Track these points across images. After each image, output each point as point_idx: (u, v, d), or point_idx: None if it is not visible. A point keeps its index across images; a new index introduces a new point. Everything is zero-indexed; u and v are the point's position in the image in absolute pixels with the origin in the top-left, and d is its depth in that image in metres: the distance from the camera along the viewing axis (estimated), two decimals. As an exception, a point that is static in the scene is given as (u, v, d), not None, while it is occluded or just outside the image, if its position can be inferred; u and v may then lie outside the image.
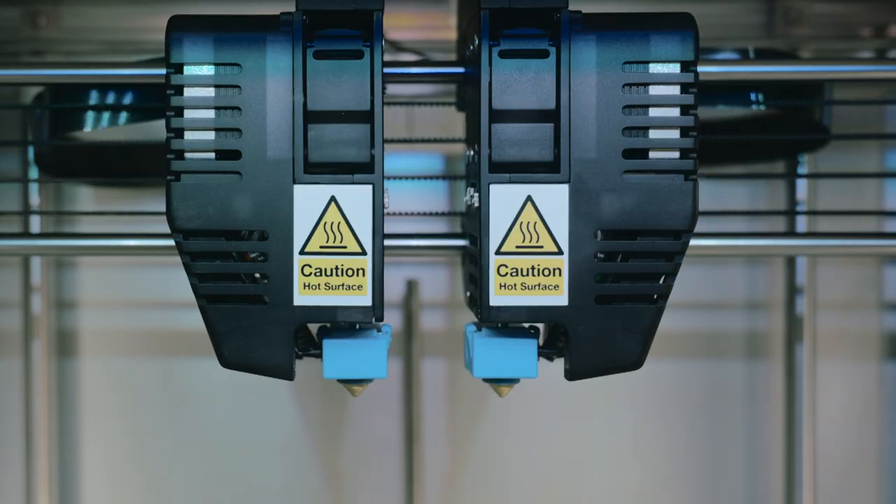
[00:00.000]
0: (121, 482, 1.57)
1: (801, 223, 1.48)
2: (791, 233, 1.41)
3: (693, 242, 1.15)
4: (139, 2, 1.48)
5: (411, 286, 1.49)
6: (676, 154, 0.99)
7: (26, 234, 1.45)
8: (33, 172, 1.51)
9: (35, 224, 1.48)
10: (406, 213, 1.27)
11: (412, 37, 1.44)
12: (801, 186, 1.45)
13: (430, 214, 1.29)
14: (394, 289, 1.50)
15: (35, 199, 1.47)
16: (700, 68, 1.07)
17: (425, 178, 1.37)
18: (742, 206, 1.49)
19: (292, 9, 1.03)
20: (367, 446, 1.57)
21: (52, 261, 1.52)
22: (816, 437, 1.51)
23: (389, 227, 1.19)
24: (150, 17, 1.47)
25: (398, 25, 1.44)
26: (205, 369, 1.55)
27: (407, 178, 1.31)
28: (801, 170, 1.42)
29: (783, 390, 1.51)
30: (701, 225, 1.23)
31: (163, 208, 1.10)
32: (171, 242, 1.11)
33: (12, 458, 1.55)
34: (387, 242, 1.10)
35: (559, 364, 1.15)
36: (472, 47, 1.03)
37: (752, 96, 1.25)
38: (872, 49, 1.47)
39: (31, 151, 1.48)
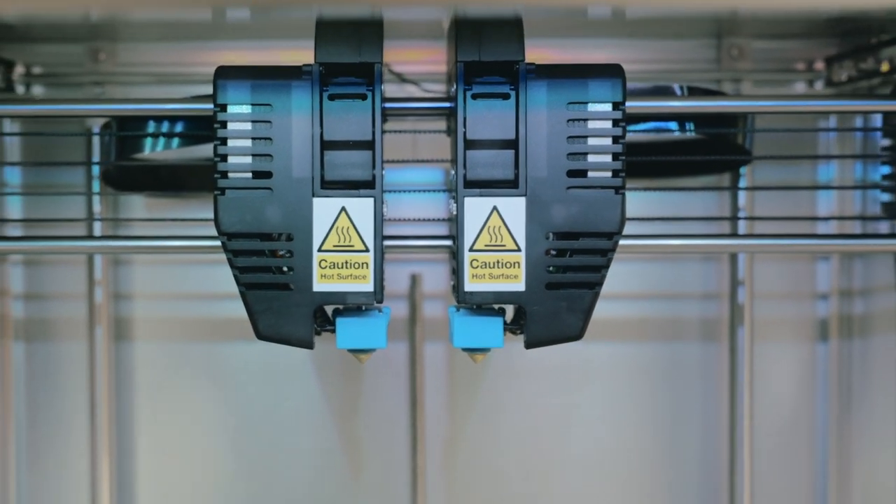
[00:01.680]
0: (170, 448, 1.61)
1: (745, 226, 1.52)
2: (733, 234, 1.49)
3: (656, 242, 1.29)
4: (183, 40, 1.53)
5: (415, 279, 1.53)
6: (609, 174, 1.12)
7: (90, 237, 1.49)
8: (95, 186, 1.51)
9: (97, 228, 1.53)
10: (405, 219, 1.32)
11: (417, 69, 1.49)
12: (743, 195, 1.51)
13: (425, 220, 1.35)
14: (400, 282, 1.55)
15: (97, 208, 1.53)
16: (639, 103, 1.21)
17: (420, 190, 1.44)
18: (697, 213, 1.53)
19: (311, 57, 1.13)
20: (377, 416, 1.61)
21: (111, 259, 1.56)
22: (754, 407, 1.54)
23: (397, 229, 1.28)
24: (193, 53, 1.53)
25: (405, 60, 1.48)
26: (241, 351, 1.60)
27: (405, 190, 1.38)
28: (742, 182, 1.48)
29: (728, 368, 1.56)
30: (663, 228, 1.37)
31: (202, 215, 1.25)
32: (211, 243, 1.24)
33: (79, 428, 1.59)
34: (387, 243, 1.19)
35: (542, 348, 1.26)
36: (452, 89, 1.16)
37: (688, 125, 1.35)
38: (804, 80, 1.52)
39: (95, 169, 1.50)
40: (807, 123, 1.51)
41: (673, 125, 1.35)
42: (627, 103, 1.12)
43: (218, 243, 1.19)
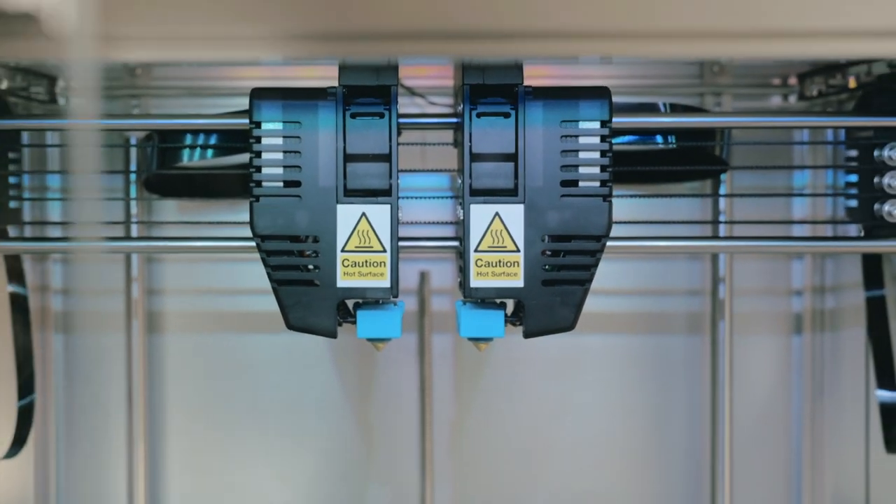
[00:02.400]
0: (197, 430, 1.65)
1: (725, 229, 1.55)
2: (714, 236, 1.53)
3: (645, 243, 1.34)
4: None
5: (424, 276, 1.57)
6: (597, 184, 1.19)
7: (128, 238, 1.55)
8: (132, 192, 1.55)
9: (134, 230, 1.57)
10: (416, 222, 1.34)
11: (427, 84, 1.53)
12: (723, 201, 1.54)
13: (434, 223, 1.38)
14: (410, 279, 1.58)
15: (134, 211, 1.57)
16: (624, 119, 1.27)
17: (430, 196, 1.47)
18: (683, 217, 1.57)
19: (333, 73, 1.20)
20: (389, 402, 1.65)
21: (145, 257, 1.60)
22: (734, 393, 1.58)
23: (408, 230, 1.31)
24: (222, 69, 1.56)
25: (417, 74, 1.53)
26: (264, 342, 1.63)
27: (416, 196, 1.40)
28: (722, 189, 1.53)
29: (710, 358, 1.60)
30: (652, 230, 1.41)
31: (230, 218, 1.32)
32: (240, 244, 1.29)
33: (116, 412, 1.63)
34: (401, 244, 1.24)
35: (540, 339, 1.30)
36: (459, 107, 1.22)
37: (670, 138, 1.40)
38: (780, 95, 1.56)
39: (132, 177, 1.54)
40: (780, 134, 1.54)
41: (658, 138, 1.41)
42: (614, 120, 1.19)
43: (245, 244, 1.26)
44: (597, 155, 1.20)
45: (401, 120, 1.24)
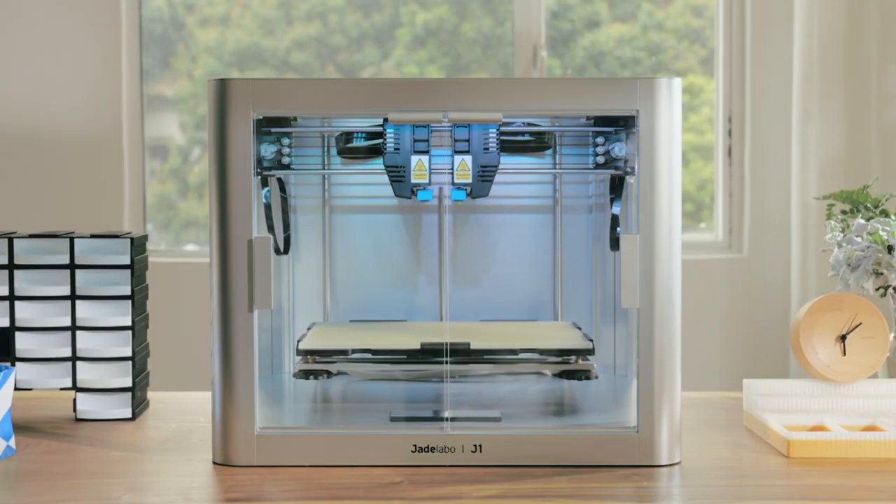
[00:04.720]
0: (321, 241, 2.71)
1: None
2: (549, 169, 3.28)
3: (531, 167, 2.92)
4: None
5: (440, 190, 2.65)
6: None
7: (325, 169, 2.65)
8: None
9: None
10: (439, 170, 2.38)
11: None
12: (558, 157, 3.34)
13: (448, 171, 2.36)
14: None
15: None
16: (508, 128, 2.95)
17: (443, 154, 2.39)
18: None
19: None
20: (426, 242, 2.69)
21: (329, 179, 2.62)
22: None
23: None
24: None
25: None
26: (372, 219, 2.74)
27: (439, 155, 2.39)
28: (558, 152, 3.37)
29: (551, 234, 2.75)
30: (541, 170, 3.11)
31: (370, 167, 2.61)
32: (377, 172, 2.51)
33: None
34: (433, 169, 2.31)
35: (502, 201, 2.93)
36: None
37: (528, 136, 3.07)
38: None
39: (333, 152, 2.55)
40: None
41: (527, 136, 3.03)
42: (501, 128, 2.78)
43: (380, 173, 2.40)
44: (495, 139, 2.43)
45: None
